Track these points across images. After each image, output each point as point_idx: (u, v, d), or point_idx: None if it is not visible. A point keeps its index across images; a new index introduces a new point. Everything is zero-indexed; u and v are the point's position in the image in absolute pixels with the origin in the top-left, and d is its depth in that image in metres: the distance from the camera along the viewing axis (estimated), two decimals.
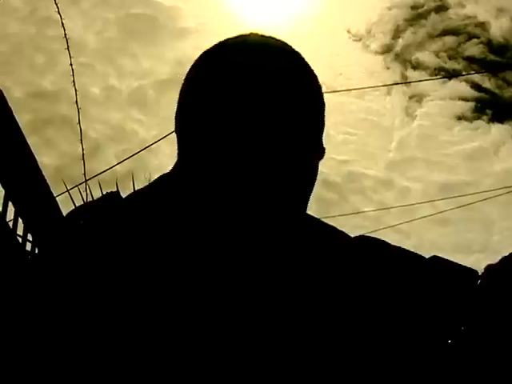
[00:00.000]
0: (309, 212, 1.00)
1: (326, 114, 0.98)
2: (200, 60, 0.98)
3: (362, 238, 1.02)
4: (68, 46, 6.30)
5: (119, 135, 12.59)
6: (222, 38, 1.00)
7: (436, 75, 14.19)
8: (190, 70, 0.98)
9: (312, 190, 0.98)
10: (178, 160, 0.97)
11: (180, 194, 0.94)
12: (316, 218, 1.02)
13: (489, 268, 1.00)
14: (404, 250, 1.00)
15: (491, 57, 14.02)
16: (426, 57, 14.16)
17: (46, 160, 10.58)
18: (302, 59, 0.99)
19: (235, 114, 0.91)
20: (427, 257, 0.99)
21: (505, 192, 9.74)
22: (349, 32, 15.03)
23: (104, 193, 0.99)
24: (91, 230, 0.91)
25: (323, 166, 0.99)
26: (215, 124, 0.92)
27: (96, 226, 0.91)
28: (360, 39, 14.76)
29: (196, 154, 0.94)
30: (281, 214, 0.93)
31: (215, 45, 0.98)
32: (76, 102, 6.47)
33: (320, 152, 0.99)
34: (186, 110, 0.96)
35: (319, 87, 0.99)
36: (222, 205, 0.92)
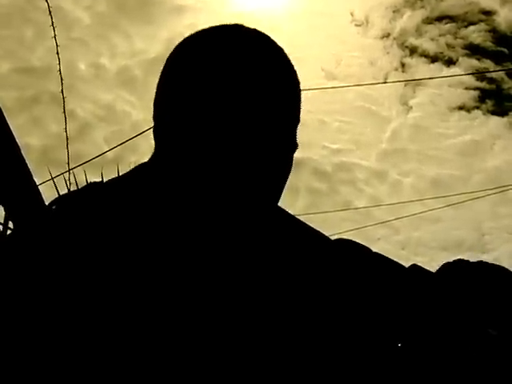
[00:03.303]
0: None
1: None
2: (176, 50, 0.97)
3: (340, 240, 1.02)
4: (53, 22, 6.14)
5: (109, 115, 12.48)
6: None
7: (436, 61, 14.11)
8: (167, 59, 0.97)
9: (286, 181, 0.98)
10: (155, 149, 0.96)
11: (157, 183, 0.93)
12: (292, 216, 1.01)
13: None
14: (383, 256, 1.02)
15: (494, 45, 13.92)
16: (426, 43, 14.09)
17: (32, 140, 10.47)
18: (282, 51, 0.98)
19: (211, 103, 0.90)
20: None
21: (496, 192, 9.77)
22: (352, 15, 14.95)
23: (90, 180, 0.99)
24: (71, 220, 0.89)
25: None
26: (191, 114, 0.91)
27: (76, 216, 0.90)
28: (361, 24, 14.68)
29: (172, 144, 0.93)
30: (255, 206, 0.93)
31: (191, 34, 0.97)
32: (61, 80, 6.33)
33: (295, 146, 0.99)
34: (163, 97, 0.95)
35: (297, 79, 0.98)
36: (197, 195, 0.91)
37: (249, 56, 0.93)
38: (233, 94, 0.90)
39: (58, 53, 6.31)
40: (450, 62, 14.05)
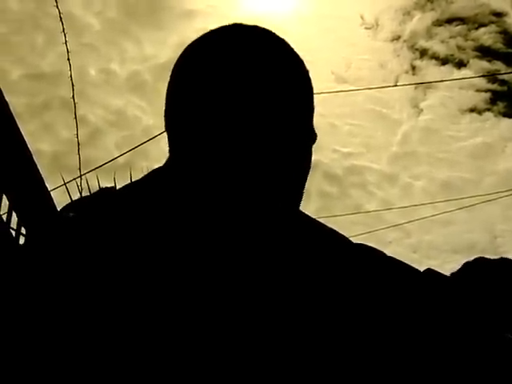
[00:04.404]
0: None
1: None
2: (184, 53, 0.96)
3: (358, 244, 1.01)
4: (63, 28, 6.16)
5: (120, 121, 12.48)
6: (230, 21, 0.98)
7: (446, 64, 13.98)
8: (176, 62, 0.96)
9: (307, 178, 0.97)
10: (169, 154, 0.95)
11: (172, 188, 0.92)
12: (313, 218, 1.00)
13: (451, 274, 1.03)
14: (398, 260, 1.01)
15: (505, 47, 13.78)
16: (436, 45, 13.99)
17: (43, 146, 10.49)
18: (287, 44, 0.97)
19: (224, 105, 0.89)
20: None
21: (508, 194, 9.70)
22: (362, 18, 14.89)
23: (101, 185, 0.97)
24: (84, 225, 0.89)
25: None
26: (204, 117, 0.90)
27: (89, 221, 0.90)
28: (371, 27, 14.59)
29: (186, 149, 0.92)
30: (276, 206, 0.91)
31: (199, 36, 0.97)
32: (72, 85, 6.34)
33: (313, 138, 0.97)
34: (174, 102, 0.94)
35: (307, 70, 0.97)
36: (215, 199, 0.89)
37: (254, 52, 0.92)
38: (244, 92, 0.89)
39: (68, 59, 6.35)
40: (460, 64, 13.95)
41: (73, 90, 6.47)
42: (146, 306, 0.82)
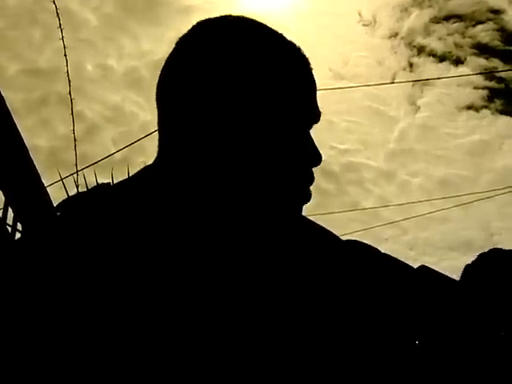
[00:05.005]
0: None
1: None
2: (175, 47, 0.96)
3: (349, 241, 1.00)
4: (60, 24, 6.16)
5: (117, 117, 12.47)
6: None
7: (444, 61, 13.99)
8: (167, 59, 0.96)
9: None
10: (159, 150, 0.95)
11: (167, 184, 0.91)
12: (304, 216, 1.00)
13: (465, 266, 1.02)
14: (392, 257, 1.00)
15: (503, 44, 13.80)
16: (434, 42, 13.99)
17: (40, 142, 10.48)
18: (270, 27, 0.97)
19: (220, 97, 0.89)
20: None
21: (505, 192, 9.72)
22: (359, 15, 14.91)
23: (98, 181, 0.96)
24: (79, 221, 0.88)
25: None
26: (200, 109, 0.89)
27: (84, 217, 0.89)
28: (369, 23, 14.61)
29: (183, 143, 0.91)
30: (275, 202, 0.91)
31: (192, 27, 0.97)
32: (69, 81, 6.33)
33: (317, 114, 0.97)
34: (167, 98, 0.94)
35: (294, 44, 0.97)
36: (212, 194, 0.89)
37: (241, 42, 0.93)
38: (238, 82, 0.89)
39: (65, 54, 6.34)
40: (458, 62, 13.95)
41: (69, 85, 6.47)
42: (142, 302, 0.82)
